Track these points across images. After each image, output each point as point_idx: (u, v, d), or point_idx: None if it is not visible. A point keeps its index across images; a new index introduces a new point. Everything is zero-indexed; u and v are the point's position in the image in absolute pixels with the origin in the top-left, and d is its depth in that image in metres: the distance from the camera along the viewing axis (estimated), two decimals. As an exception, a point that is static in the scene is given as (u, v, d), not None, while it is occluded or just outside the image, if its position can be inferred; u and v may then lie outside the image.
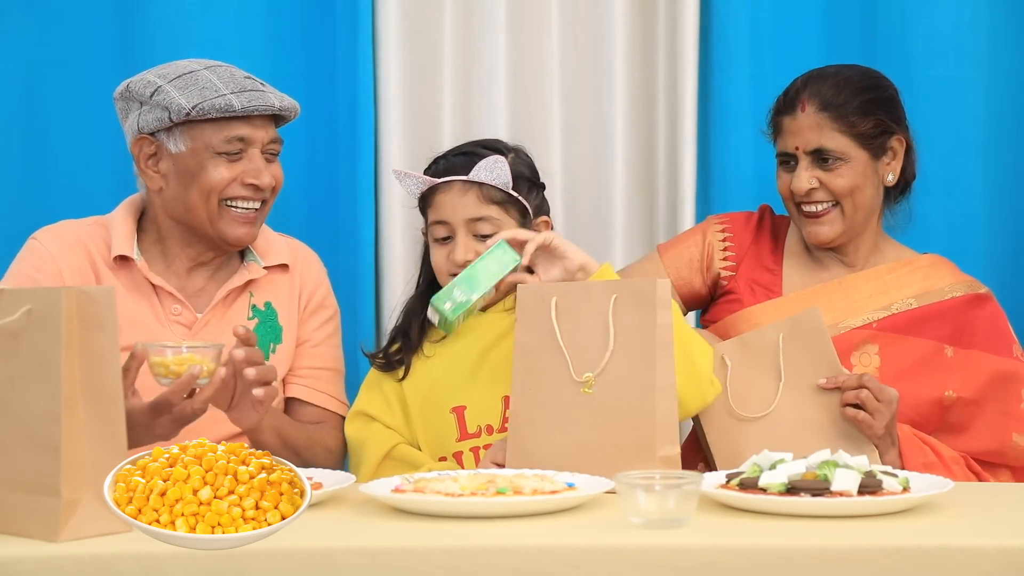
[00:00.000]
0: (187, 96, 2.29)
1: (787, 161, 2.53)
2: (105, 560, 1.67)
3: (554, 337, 2.13)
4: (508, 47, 2.96)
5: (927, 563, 1.66)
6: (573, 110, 2.99)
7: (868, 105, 2.48)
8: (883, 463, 2.28)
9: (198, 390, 2.06)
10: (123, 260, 2.37)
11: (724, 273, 2.60)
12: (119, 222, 2.40)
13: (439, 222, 2.40)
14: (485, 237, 2.36)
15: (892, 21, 2.89)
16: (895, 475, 1.93)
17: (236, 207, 2.36)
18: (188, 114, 2.28)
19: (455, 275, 2.34)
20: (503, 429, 2.32)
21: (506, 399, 2.33)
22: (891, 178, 2.52)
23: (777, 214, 2.67)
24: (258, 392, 2.11)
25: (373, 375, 2.48)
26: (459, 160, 2.42)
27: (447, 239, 2.40)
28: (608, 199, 2.97)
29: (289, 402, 2.49)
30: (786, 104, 2.52)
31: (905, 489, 1.90)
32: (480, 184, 2.37)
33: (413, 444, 2.40)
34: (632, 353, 2.08)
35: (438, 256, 2.41)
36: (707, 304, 2.64)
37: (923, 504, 1.90)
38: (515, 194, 2.39)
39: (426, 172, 2.45)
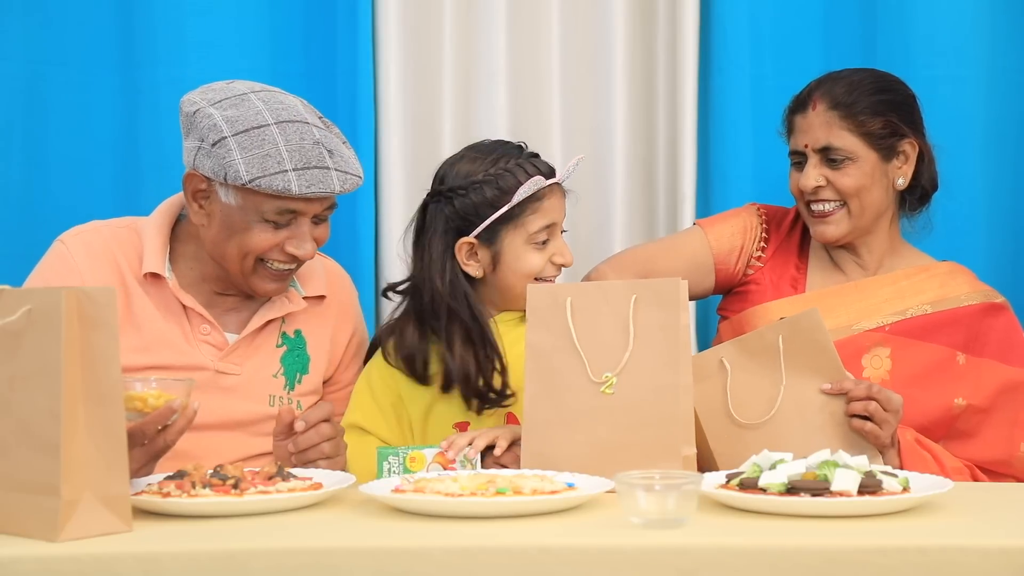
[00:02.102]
0: (247, 163, 2.18)
1: (798, 160, 2.53)
2: (105, 560, 1.67)
3: (569, 338, 2.11)
4: (508, 48, 2.96)
5: (927, 563, 1.66)
6: (573, 111, 2.99)
7: (879, 106, 2.48)
8: (883, 463, 2.28)
9: (170, 423, 2.02)
10: (154, 276, 2.32)
11: (754, 263, 2.60)
12: (153, 233, 2.33)
13: (548, 225, 2.38)
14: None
15: (892, 21, 2.90)
16: (895, 475, 1.93)
17: (272, 266, 2.30)
18: (245, 184, 2.20)
19: (542, 278, 2.37)
20: None
21: (508, 416, 2.35)
22: (901, 182, 2.52)
23: None
24: (325, 447, 2.17)
25: (363, 381, 2.45)
26: (544, 164, 2.41)
27: (547, 242, 2.39)
28: (608, 199, 2.97)
29: None
30: (798, 103, 2.54)
31: (905, 489, 1.90)
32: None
33: None
34: (654, 353, 2.08)
35: (541, 258, 2.38)
36: (726, 291, 2.64)
37: (923, 504, 1.90)
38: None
39: (524, 174, 2.39)
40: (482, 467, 2.18)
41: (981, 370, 2.48)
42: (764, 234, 2.62)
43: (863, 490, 1.86)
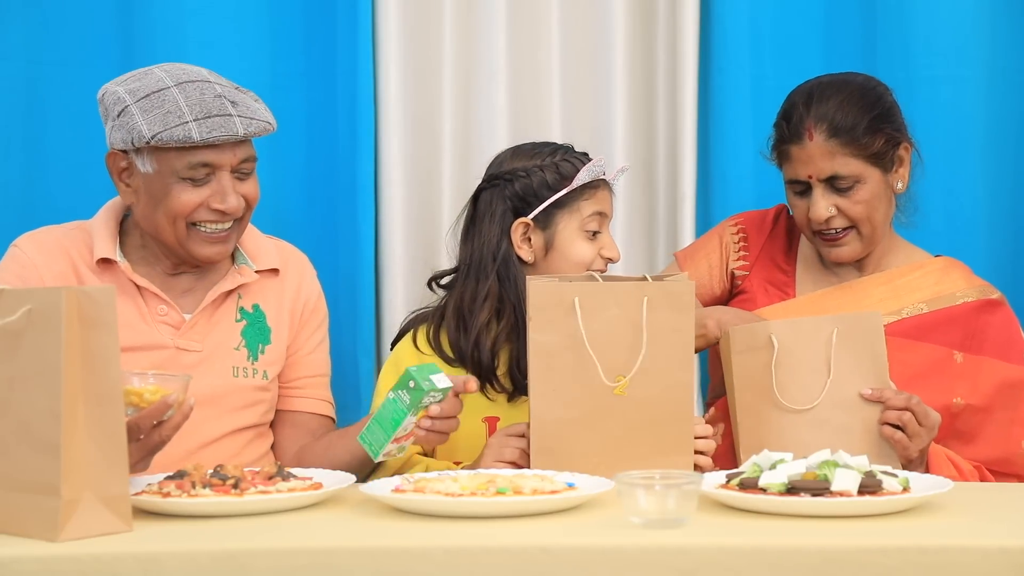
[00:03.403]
0: (148, 122, 2.23)
1: (799, 189, 2.50)
2: (105, 560, 1.67)
3: (579, 338, 2.12)
4: (508, 47, 2.96)
5: (927, 563, 1.66)
6: (573, 111, 2.99)
7: (875, 122, 2.45)
8: None
9: (166, 419, 2.02)
10: (106, 263, 2.35)
11: (739, 272, 2.60)
12: (101, 225, 2.38)
13: (602, 214, 2.44)
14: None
15: (892, 21, 2.89)
16: (895, 475, 1.93)
17: (205, 228, 2.32)
18: (148, 142, 2.24)
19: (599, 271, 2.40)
20: None
21: None
22: (900, 186, 2.51)
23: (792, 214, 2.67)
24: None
25: (390, 365, 2.46)
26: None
27: (597, 233, 2.43)
28: (608, 199, 2.97)
29: (288, 414, 2.49)
30: (791, 133, 2.47)
31: (905, 489, 1.90)
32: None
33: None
34: (666, 353, 2.12)
35: (591, 249, 2.42)
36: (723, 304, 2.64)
37: (923, 504, 1.90)
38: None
39: (582, 165, 2.44)
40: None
41: (979, 368, 2.48)
42: (742, 242, 2.61)
43: (863, 490, 1.86)
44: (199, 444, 2.31)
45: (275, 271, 2.47)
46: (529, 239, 2.43)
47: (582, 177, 2.41)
